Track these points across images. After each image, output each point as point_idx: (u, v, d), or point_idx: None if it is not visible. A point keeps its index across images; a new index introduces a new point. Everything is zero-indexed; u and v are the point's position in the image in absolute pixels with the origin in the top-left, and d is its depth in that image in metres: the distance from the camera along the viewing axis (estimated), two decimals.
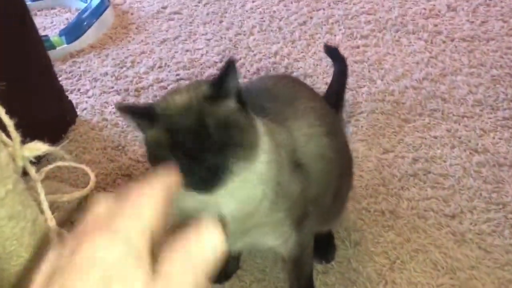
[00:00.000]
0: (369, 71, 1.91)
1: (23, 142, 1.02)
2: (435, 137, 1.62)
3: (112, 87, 1.99)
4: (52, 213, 1.13)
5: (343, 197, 1.25)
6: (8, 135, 1.00)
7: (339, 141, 1.15)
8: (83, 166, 1.53)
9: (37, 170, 1.07)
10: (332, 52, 1.64)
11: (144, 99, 1.92)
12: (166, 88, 1.95)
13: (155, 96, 1.93)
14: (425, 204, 1.41)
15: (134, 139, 1.75)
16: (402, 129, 1.66)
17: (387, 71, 1.90)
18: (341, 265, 1.29)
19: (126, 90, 1.97)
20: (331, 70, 1.70)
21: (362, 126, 1.69)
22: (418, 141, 1.61)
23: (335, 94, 1.53)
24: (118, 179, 1.61)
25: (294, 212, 0.96)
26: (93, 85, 2.01)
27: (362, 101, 1.78)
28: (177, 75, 2.01)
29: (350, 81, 1.87)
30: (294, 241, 1.02)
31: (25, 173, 1.06)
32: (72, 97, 1.91)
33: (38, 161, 1.07)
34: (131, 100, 1.92)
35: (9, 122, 0.97)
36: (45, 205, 1.11)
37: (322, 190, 1.07)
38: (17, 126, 0.99)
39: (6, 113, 0.96)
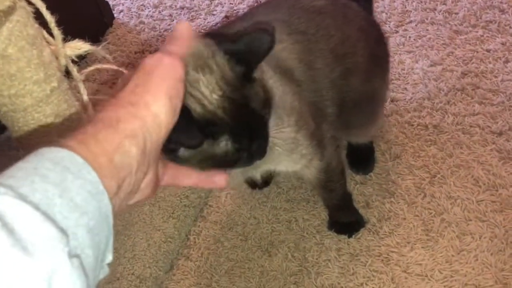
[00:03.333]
0: None
1: (65, 40, 1.01)
2: (488, 51, 1.52)
3: None
4: None
5: (371, 102, 1.16)
6: (50, 34, 0.99)
7: (331, 40, 1.02)
8: (123, 70, 1.52)
9: (78, 72, 1.06)
10: None
11: (181, 2, 1.85)
12: None
13: None
14: (471, 120, 1.36)
15: None
16: (452, 41, 1.56)
17: None
18: (379, 177, 1.28)
19: None
20: None
21: (410, 37, 1.59)
22: (469, 55, 1.52)
23: None
24: None
25: (305, 127, 0.92)
26: None
27: (411, 9, 1.67)
28: None
29: None
30: (318, 164, 0.98)
31: (66, 74, 1.05)
32: None
33: (78, 62, 1.06)
34: (168, 3, 1.86)
35: (50, 19, 0.95)
36: (89, 106, 1.12)
37: (324, 97, 1.00)
38: (58, 24, 0.97)
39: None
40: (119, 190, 0.51)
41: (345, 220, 1.19)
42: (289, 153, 0.92)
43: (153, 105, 0.56)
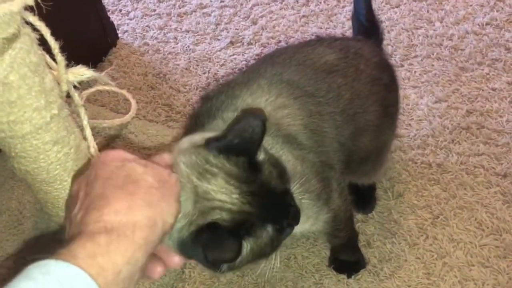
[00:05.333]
0: (427, 11, 1.77)
1: (67, 65, 0.99)
2: (494, 90, 1.51)
3: (154, 10, 1.92)
4: (94, 139, 1.11)
5: (379, 155, 1.15)
6: (52, 58, 0.97)
7: (339, 100, 0.98)
8: (124, 92, 1.50)
9: (79, 94, 1.04)
10: None
11: (186, 25, 1.84)
12: (209, 15, 1.87)
13: (198, 23, 1.85)
14: (476, 160, 1.34)
15: (175, 67, 1.70)
16: (458, 78, 1.55)
17: (448, 13, 1.76)
18: (381, 216, 1.26)
19: (169, 14, 1.89)
20: None
21: (415, 71, 1.59)
22: (475, 92, 1.51)
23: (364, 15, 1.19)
24: (158, 108, 1.58)
25: (310, 190, 0.89)
26: (135, 6, 1.94)
27: (417, 44, 1.67)
28: (222, 1, 1.92)
29: (407, 21, 1.75)
30: (325, 218, 0.95)
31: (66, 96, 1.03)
32: (113, 18, 1.86)
33: (79, 84, 1.04)
34: (173, 25, 1.85)
35: (54, 45, 0.93)
36: (88, 132, 1.09)
37: (330, 158, 0.97)
38: (62, 48, 0.95)
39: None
40: None
41: (347, 258, 1.16)
42: None
43: (167, 213, 0.59)
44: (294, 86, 0.94)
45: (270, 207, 0.69)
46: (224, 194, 0.67)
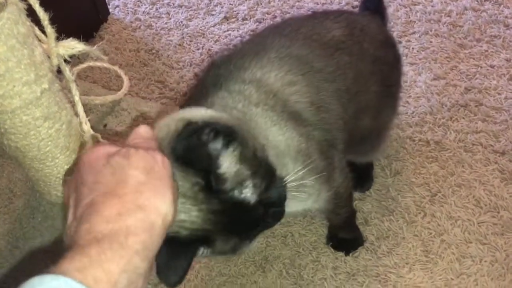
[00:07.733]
0: None
1: (58, 39, 0.95)
2: (492, 67, 1.49)
3: None
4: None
5: (379, 134, 1.14)
6: (42, 30, 0.93)
7: (348, 77, 0.96)
8: (116, 68, 1.46)
9: (70, 70, 1.00)
10: None
11: (179, 0, 1.79)
12: None
13: None
14: (474, 138, 1.33)
15: (168, 43, 1.66)
16: (456, 55, 1.53)
17: None
18: (379, 193, 1.24)
19: None
20: None
21: (413, 48, 1.56)
22: (473, 70, 1.49)
23: None
24: (151, 85, 1.54)
25: (312, 167, 0.86)
26: None
27: (415, 20, 1.64)
28: None
29: None
30: (326, 196, 0.93)
31: (57, 72, 0.99)
32: None
33: (70, 61, 1.00)
34: (165, 0, 1.80)
35: (43, 16, 0.89)
36: (80, 107, 1.06)
37: (335, 136, 0.95)
38: (51, 21, 0.91)
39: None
40: None
41: (344, 236, 1.15)
42: (295, 195, 0.85)
43: (162, 207, 0.54)
44: (303, 61, 0.91)
45: (235, 221, 0.66)
46: (182, 213, 0.63)
